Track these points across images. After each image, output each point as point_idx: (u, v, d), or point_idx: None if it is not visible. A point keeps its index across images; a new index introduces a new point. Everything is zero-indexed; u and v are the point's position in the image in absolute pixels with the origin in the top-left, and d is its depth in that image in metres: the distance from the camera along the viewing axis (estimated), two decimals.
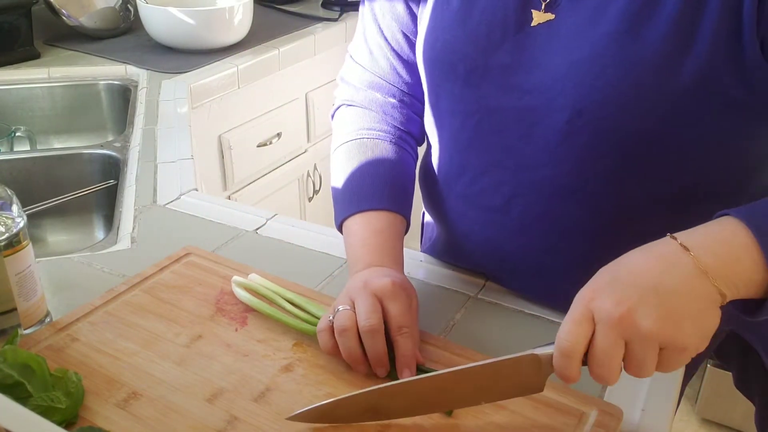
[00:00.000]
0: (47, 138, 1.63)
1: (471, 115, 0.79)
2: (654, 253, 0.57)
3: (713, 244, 0.57)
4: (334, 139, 0.92)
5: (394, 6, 0.86)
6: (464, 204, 0.84)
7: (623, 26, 0.67)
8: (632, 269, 0.57)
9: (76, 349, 0.73)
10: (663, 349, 0.55)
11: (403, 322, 0.69)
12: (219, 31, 1.73)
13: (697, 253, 0.56)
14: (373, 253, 0.77)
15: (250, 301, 0.78)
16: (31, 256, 0.74)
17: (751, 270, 0.56)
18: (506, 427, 0.64)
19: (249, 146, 1.75)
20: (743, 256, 0.56)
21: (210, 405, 0.66)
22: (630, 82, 0.67)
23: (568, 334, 0.56)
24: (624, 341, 0.55)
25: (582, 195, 0.74)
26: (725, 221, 0.58)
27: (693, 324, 0.54)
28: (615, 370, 0.55)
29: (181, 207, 1.07)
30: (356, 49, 0.92)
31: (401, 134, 0.89)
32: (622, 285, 0.55)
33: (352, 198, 0.83)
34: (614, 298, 0.55)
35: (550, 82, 0.71)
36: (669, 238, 0.58)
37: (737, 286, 0.56)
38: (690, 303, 0.54)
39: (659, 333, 0.54)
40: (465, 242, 0.87)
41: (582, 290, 0.58)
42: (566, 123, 0.71)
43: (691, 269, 0.55)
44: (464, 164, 0.82)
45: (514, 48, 0.74)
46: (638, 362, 0.55)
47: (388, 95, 0.89)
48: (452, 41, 0.78)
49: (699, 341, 0.55)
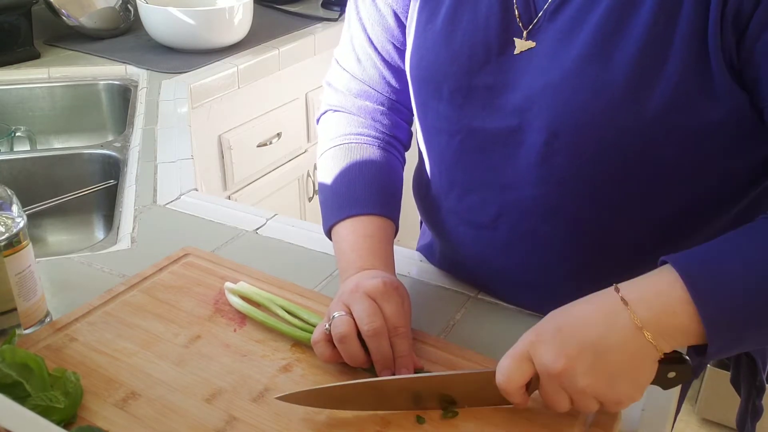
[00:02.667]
0: (47, 138, 1.63)
1: (455, 135, 0.78)
2: (597, 305, 0.60)
3: (651, 297, 0.59)
4: (320, 144, 0.91)
5: (383, 16, 0.85)
6: (454, 219, 0.84)
7: (594, 50, 0.66)
8: (575, 322, 0.60)
9: (74, 349, 0.73)
10: (599, 399, 0.59)
11: (398, 323, 0.69)
12: (219, 31, 1.73)
13: (635, 308, 0.58)
14: (364, 258, 0.77)
15: (243, 308, 0.78)
16: (31, 256, 0.74)
17: (688, 323, 0.57)
18: (505, 426, 0.65)
19: (249, 146, 1.75)
20: (679, 309, 0.57)
21: (209, 405, 0.66)
22: (602, 105, 0.66)
23: (506, 370, 0.61)
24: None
25: (564, 215, 0.74)
26: (664, 271, 0.60)
27: (626, 381, 0.58)
28: (561, 408, 0.61)
29: (181, 207, 1.07)
30: (343, 55, 0.91)
31: (388, 139, 0.89)
32: (564, 338, 0.59)
33: (341, 203, 0.82)
34: (554, 352, 0.59)
35: (527, 103, 0.71)
36: (612, 289, 0.61)
37: (674, 338, 0.58)
38: (625, 360, 0.58)
39: (594, 391, 0.58)
40: (457, 254, 0.87)
41: (528, 332, 0.62)
42: (544, 144, 0.71)
43: (628, 324, 0.58)
44: (452, 181, 0.82)
45: (497, 70, 0.73)
46: (579, 407, 0.61)
47: (376, 103, 0.89)
48: (436, 61, 0.77)
49: (633, 394, 0.59)
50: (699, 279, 0.57)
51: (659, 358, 0.59)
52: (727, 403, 1.96)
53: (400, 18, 0.84)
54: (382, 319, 0.68)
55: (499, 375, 0.62)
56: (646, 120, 0.66)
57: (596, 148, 0.69)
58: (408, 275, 0.91)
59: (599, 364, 0.58)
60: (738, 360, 0.92)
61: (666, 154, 0.68)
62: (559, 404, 0.61)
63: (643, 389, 0.60)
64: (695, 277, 0.57)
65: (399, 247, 0.94)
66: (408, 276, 0.91)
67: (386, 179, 0.86)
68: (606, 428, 0.64)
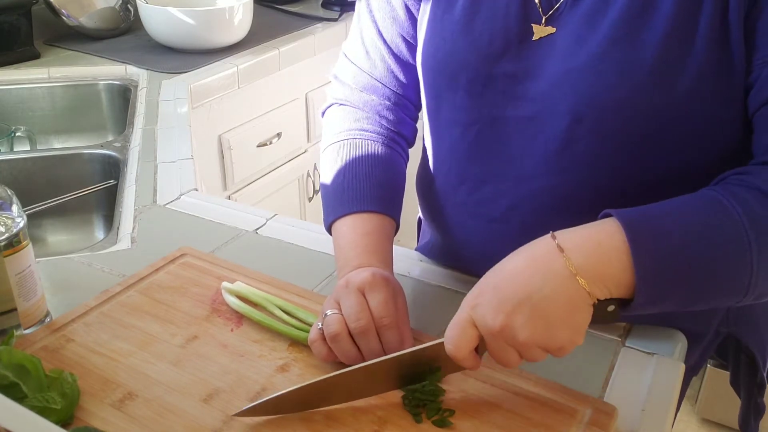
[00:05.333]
0: (47, 138, 1.63)
1: (471, 125, 0.78)
2: (531, 255, 0.62)
3: (588, 245, 0.60)
4: (325, 138, 0.91)
5: (394, 9, 0.85)
6: (463, 213, 0.84)
7: (621, 31, 0.67)
8: (509, 277, 0.61)
9: (71, 350, 0.73)
10: (543, 348, 0.60)
11: (384, 313, 0.69)
12: (219, 31, 1.73)
13: (570, 255, 0.59)
14: (361, 255, 0.77)
15: (240, 307, 0.78)
16: (31, 256, 0.74)
17: (620, 273, 0.59)
18: (502, 426, 0.64)
19: (249, 146, 1.75)
20: (614, 259, 0.59)
21: (206, 405, 0.66)
22: (629, 86, 0.67)
23: (453, 338, 0.62)
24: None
25: (581, 206, 0.74)
26: (607, 222, 0.61)
27: (564, 327, 0.59)
28: (512, 363, 0.62)
29: (181, 207, 1.07)
30: (352, 49, 0.91)
31: (393, 136, 0.89)
32: (500, 296, 0.60)
33: (342, 199, 0.82)
34: (492, 311, 0.60)
35: (550, 89, 0.72)
36: (549, 237, 0.62)
37: (607, 287, 0.60)
38: (560, 307, 0.59)
39: (535, 341, 0.60)
40: (463, 250, 0.87)
41: (467, 296, 0.63)
42: (566, 131, 0.71)
43: (563, 271, 0.59)
44: (463, 174, 0.82)
45: (516, 57, 0.74)
46: (525, 357, 0.62)
47: (383, 97, 0.89)
48: (455, 50, 0.77)
49: (573, 338, 0.60)
50: (639, 233, 0.59)
51: (593, 303, 0.60)
52: (727, 403, 1.96)
53: (412, 11, 0.84)
54: (368, 315, 0.68)
55: (448, 344, 0.63)
56: (675, 99, 0.66)
57: (620, 132, 0.69)
58: (408, 275, 0.91)
59: (536, 314, 0.59)
60: (737, 358, 0.92)
61: (687, 137, 0.68)
62: (508, 361, 0.62)
63: (582, 333, 0.61)
64: (636, 231, 0.59)
65: (399, 247, 0.94)
66: (408, 276, 0.91)
67: (388, 176, 0.86)
68: (604, 427, 0.64)
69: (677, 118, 0.67)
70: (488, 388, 0.69)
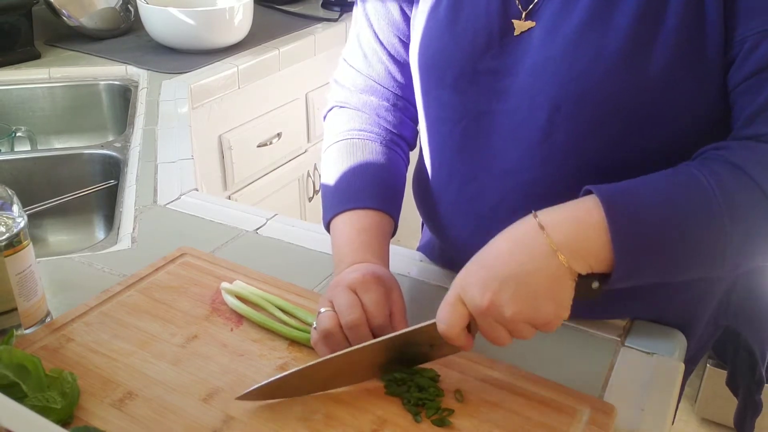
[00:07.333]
0: (48, 138, 1.64)
1: (458, 122, 0.79)
2: (515, 235, 0.64)
3: (567, 222, 0.62)
4: (326, 140, 0.92)
5: (388, 10, 0.86)
6: (453, 212, 0.84)
7: (593, 15, 0.68)
8: (495, 257, 0.63)
9: (71, 350, 0.73)
10: (530, 323, 0.62)
11: (377, 312, 0.69)
12: (219, 32, 1.73)
13: (550, 232, 0.62)
14: (357, 252, 0.77)
15: (239, 308, 0.79)
16: (32, 256, 0.74)
17: (600, 248, 0.61)
18: (502, 425, 0.65)
19: (249, 146, 1.75)
20: (592, 235, 0.61)
21: (205, 405, 0.66)
22: (602, 70, 0.68)
23: (444, 318, 0.64)
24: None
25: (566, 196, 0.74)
26: (587, 199, 0.63)
27: (549, 302, 0.62)
28: (503, 340, 0.64)
29: (181, 207, 1.07)
30: (350, 53, 0.92)
31: (393, 137, 0.89)
32: (486, 275, 0.62)
33: (340, 197, 0.83)
34: (479, 290, 0.62)
35: (530, 81, 0.72)
36: (531, 216, 0.64)
37: (588, 262, 0.62)
38: (543, 283, 0.61)
39: (522, 317, 0.62)
40: (454, 250, 0.87)
41: (457, 277, 0.65)
42: (546, 120, 0.72)
43: (545, 248, 0.61)
44: (452, 172, 0.83)
45: (499, 53, 0.75)
46: (515, 335, 0.63)
47: (382, 99, 0.89)
48: (441, 48, 0.78)
49: (558, 312, 0.62)
50: (616, 209, 0.61)
51: (574, 278, 0.62)
52: (726, 402, 1.96)
53: (406, 12, 0.85)
54: (360, 310, 0.69)
55: (440, 324, 0.64)
56: (649, 80, 0.67)
57: (598, 117, 0.70)
58: (408, 275, 0.91)
59: (521, 291, 0.61)
60: (735, 354, 0.92)
61: (664, 117, 0.69)
62: (499, 338, 0.63)
63: (567, 307, 0.63)
64: (613, 206, 0.61)
65: (399, 247, 0.94)
66: (408, 276, 0.91)
67: (386, 175, 0.86)
68: (604, 427, 0.64)
69: (652, 99, 0.68)
70: (488, 387, 0.69)
